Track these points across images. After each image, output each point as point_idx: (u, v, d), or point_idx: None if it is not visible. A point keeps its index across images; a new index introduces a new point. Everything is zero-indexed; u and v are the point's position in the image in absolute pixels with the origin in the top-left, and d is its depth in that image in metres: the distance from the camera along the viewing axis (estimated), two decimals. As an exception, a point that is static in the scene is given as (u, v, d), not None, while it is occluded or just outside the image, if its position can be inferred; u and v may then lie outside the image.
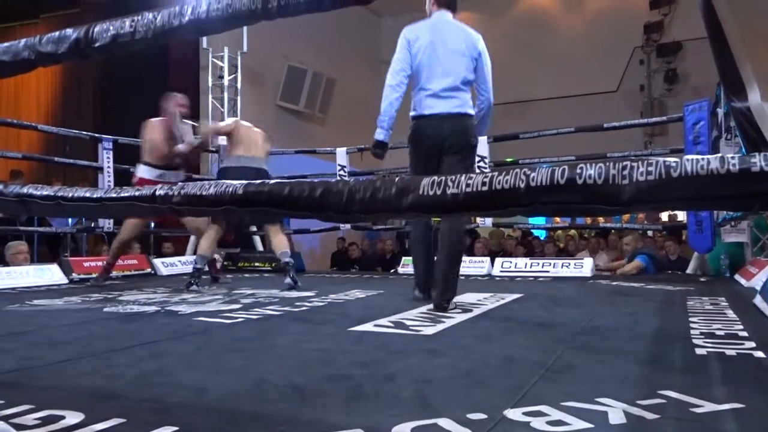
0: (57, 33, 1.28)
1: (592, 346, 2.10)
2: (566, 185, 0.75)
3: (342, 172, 6.58)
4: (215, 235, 4.43)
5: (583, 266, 5.42)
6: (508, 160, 6.78)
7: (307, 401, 1.42)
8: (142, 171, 4.57)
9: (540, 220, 7.87)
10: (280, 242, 4.47)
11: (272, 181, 1.01)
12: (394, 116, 3.15)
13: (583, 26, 11.67)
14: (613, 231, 7.26)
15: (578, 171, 0.81)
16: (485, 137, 5.80)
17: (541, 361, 1.76)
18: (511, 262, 5.81)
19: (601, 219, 7.48)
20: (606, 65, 10.98)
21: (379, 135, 3.15)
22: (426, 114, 3.10)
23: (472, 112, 3.17)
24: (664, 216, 8.89)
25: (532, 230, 8.65)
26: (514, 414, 1.25)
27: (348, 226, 6.75)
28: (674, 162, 0.82)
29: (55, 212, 1.37)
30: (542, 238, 8.70)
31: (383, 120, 3.13)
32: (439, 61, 3.08)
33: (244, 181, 1.01)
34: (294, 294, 3.80)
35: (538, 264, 5.65)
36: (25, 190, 1.30)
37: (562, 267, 5.47)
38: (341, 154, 6.63)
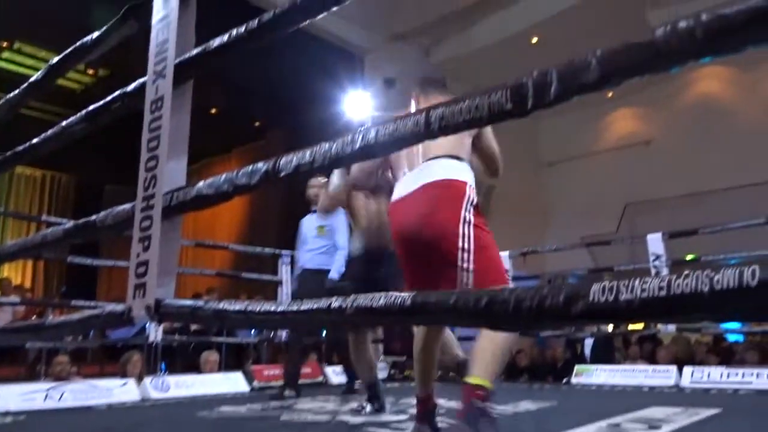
0: (250, 167, 1.47)
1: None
2: (758, 288, 0.67)
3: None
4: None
5: (797, 377, 4.65)
6: (689, 257, 6.22)
7: None
8: None
9: (735, 323, 6.98)
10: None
11: (437, 292, 1.04)
12: None
13: (764, 108, 10.72)
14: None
15: (772, 270, 0.72)
16: (659, 234, 5.46)
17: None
18: (702, 372, 5.15)
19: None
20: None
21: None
22: None
23: None
24: None
25: (725, 335, 7.67)
26: None
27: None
28: None
29: (245, 325, 1.51)
30: (739, 343, 7.65)
31: None
32: None
33: (412, 292, 1.04)
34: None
35: (738, 374, 4.95)
36: (220, 306, 1.46)
37: (768, 378, 4.73)
38: (504, 259, 6.55)
